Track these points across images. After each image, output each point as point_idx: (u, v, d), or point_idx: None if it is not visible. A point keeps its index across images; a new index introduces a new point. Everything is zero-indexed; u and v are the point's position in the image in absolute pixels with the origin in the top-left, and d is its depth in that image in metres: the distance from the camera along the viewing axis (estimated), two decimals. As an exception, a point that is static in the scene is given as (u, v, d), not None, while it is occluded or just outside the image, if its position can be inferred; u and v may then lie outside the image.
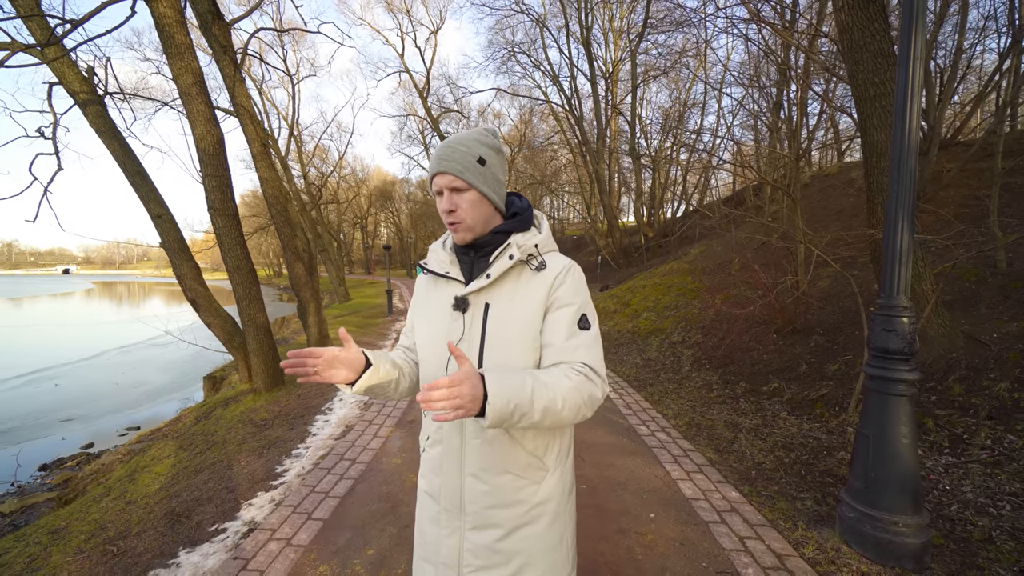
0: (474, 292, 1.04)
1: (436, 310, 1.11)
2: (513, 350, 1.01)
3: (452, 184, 1.01)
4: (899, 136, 2.19)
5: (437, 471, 1.09)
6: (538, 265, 1.05)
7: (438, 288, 1.13)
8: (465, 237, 1.04)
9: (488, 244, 1.07)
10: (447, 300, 1.08)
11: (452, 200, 1.01)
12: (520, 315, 1.02)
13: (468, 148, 1.02)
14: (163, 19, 4.22)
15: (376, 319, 13.07)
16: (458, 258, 1.12)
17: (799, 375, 4.71)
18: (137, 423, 8.38)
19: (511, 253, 1.03)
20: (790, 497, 2.86)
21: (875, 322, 2.30)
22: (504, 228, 1.07)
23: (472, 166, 1.01)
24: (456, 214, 1.02)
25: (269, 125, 20.97)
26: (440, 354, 1.07)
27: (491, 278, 1.01)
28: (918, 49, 2.13)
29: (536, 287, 1.04)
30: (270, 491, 3.05)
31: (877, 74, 3.76)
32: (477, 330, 1.03)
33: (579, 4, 17.30)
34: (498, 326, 1.02)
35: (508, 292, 1.03)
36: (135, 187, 5.68)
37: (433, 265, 1.12)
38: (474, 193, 1.02)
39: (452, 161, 1.00)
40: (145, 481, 3.67)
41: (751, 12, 7.05)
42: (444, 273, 1.09)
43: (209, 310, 6.09)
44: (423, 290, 1.19)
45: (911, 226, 2.19)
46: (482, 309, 1.03)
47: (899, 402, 2.22)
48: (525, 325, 1.02)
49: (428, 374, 1.10)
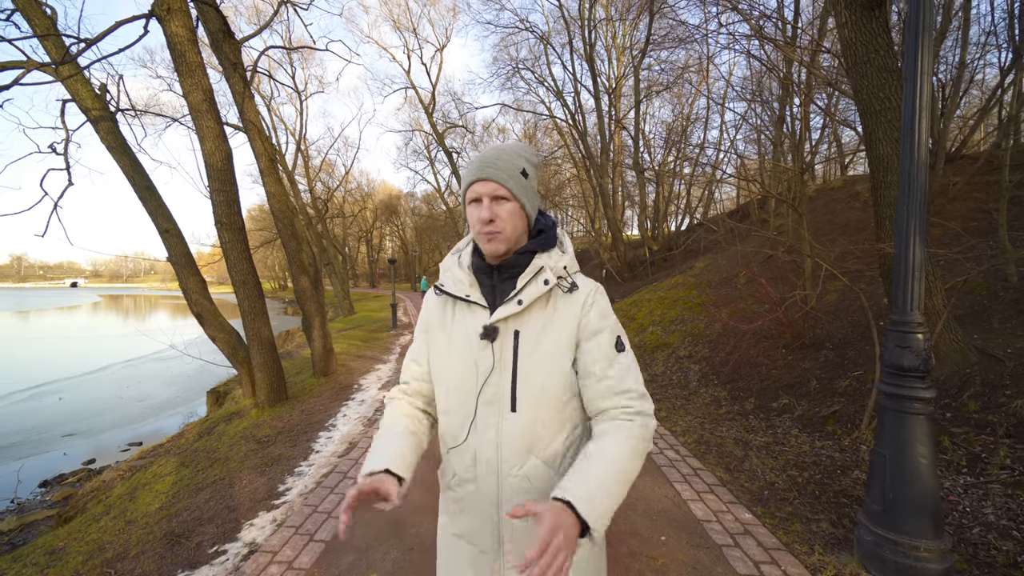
0: (503, 319, 0.97)
1: (458, 338, 1.02)
2: (546, 379, 0.96)
3: (495, 192, 0.95)
4: (908, 150, 2.17)
5: (469, 510, 1.02)
6: (569, 287, 1.00)
7: (456, 313, 1.04)
8: (498, 249, 0.97)
9: (514, 265, 1.00)
10: (471, 328, 1.00)
11: (492, 209, 0.95)
12: (552, 342, 0.97)
13: (512, 159, 0.98)
14: (175, 38, 4.30)
15: (380, 333, 13.05)
16: (477, 279, 1.03)
17: (809, 391, 4.63)
18: (140, 438, 8.33)
19: (546, 278, 0.97)
20: (805, 519, 2.78)
21: (888, 338, 2.25)
22: (529, 248, 1.01)
23: (516, 176, 0.97)
24: (496, 223, 0.95)
25: (277, 140, 21.27)
26: (468, 386, 0.99)
27: (523, 304, 0.95)
28: (925, 63, 2.12)
29: (566, 311, 0.99)
30: (272, 511, 3.00)
31: (881, 89, 3.76)
32: (508, 361, 0.96)
33: (582, 22, 17.58)
34: (530, 355, 0.96)
35: (538, 317, 0.98)
36: (144, 202, 5.74)
37: (450, 286, 1.03)
38: (515, 205, 0.97)
39: (497, 169, 0.95)
40: (146, 499, 3.62)
41: (753, 28, 7.12)
42: (464, 296, 1.00)
43: (214, 324, 6.09)
44: (436, 313, 1.08)
45: (923, 240, 2.16)
46: (511, 337, 0.97)
47: (916, 421, 2.16)
48: (558, 352, 0.97)
49: (453, 406, 1.03)
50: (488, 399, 0.97)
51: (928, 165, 2.17)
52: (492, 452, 0.97)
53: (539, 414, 0.96)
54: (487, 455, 0.98)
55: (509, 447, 0.96)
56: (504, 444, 0.96)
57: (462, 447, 1.01)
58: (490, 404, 0.97)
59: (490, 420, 0.97)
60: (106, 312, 47.37)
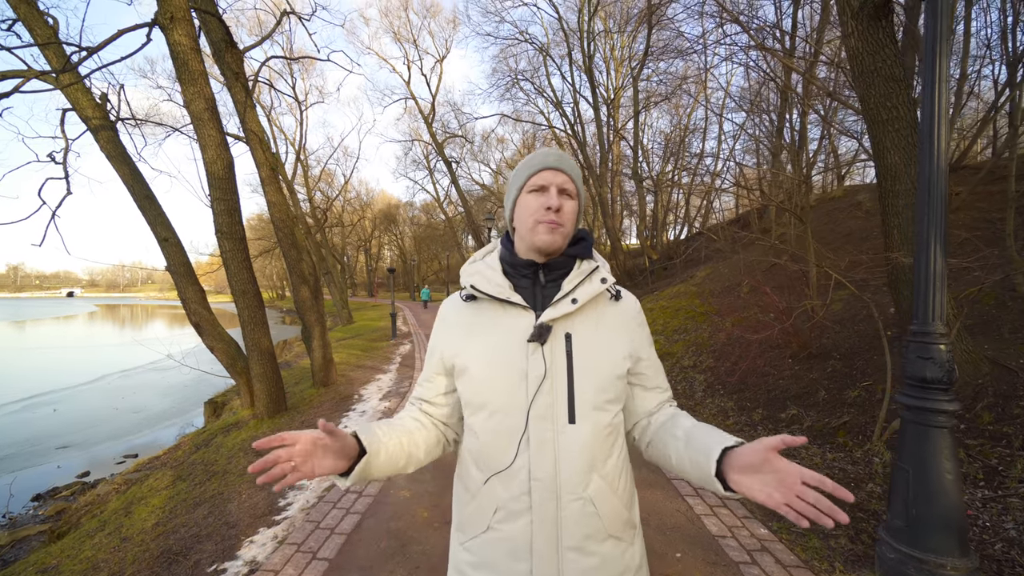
0: (554, 320, 0.89)
1: (500, 344, 0.91)
2: (602, 385, 0.90)
3: (565, 185, 0.93)
4: (927, 157, 2.14)
5: (520, 554, 0.86)
6: (616, 294, 0.98)
7: (495, 318, 0.94)
8: (556, 242, 0.91)
9: (560, 266, 0.95)
10: (517, 330, 0.90)
11: (560, 200, 0.91)
12: (607, 347, 0.92)
13: (576, 165, 0.97)
14: (178, 46, 4.29)
15: (380, 342, 12.95)
16: (511, 281, 0.95)
17: (818, 401, 4.57)
18: (136, 450, 8.19)
19: (603, 276, 0.94)
20: (822, 534, 2.70)
21: (909, 349, 2.20)
22: (573, 253, 0.97)
23: (580, 179, 0.97)
24: (561, 215, 0.91)
25: (277, 150, 21.26)
26: (514, 399, 0.88)
27: (578, 303, 0.89)
28: (943, 70, 2.10)
29: (618, 318, 0.96)
30: (272, 527, 2.91)
31: (889, 98, 3.75)
32: (562, 365, 0.88)
33: (581, 34, 17.76)
34: (585, 359, 0.89)
35: (590, 320, 0.92)
36: (143, 211, 5.70)
37: (488, 287, 0.93)
38: (576, 204, 0.95)
39: (570, 166, 0.94)
40: (141, 515, 3.52)
41: (753, 39, 7.18)
42: (505, 298, 0.91)
43: (212, 334, 6.02)
44: (464, 322, 0.97)
45: (944, 249, 2.12)
46: (563, 340, 0.89)
47: (940, 434, 2.10)
48: (614, 358, 0.92)
49: (495, 424, 0.90)
50: (541, 412, 0.87)
51: (947, 173, 2.13)
52: (550, 472, 0.86)
53: (598, 426, 0.88)
54: (544, 476, 0.86)
55: (570, 465, 0.86)
56: (564, 462, 0.86)
57: (510, 471, 0.87)
58: (544, 417, 0.87)
59: (546, 435, 0.87)
60: (102, 322, 47.07)
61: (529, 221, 0.93)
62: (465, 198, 27.11)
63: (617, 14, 18.56)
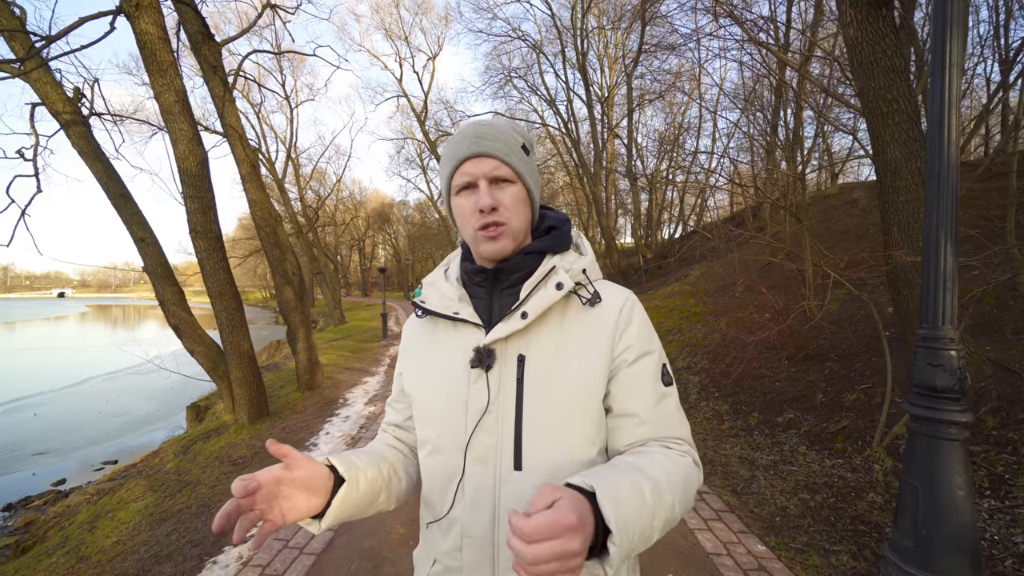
0: (502, 339, 0.72)
1: (444, 369, 0.76)
2: (565, 422, 0.70)
3: (494, 172, 0.71)
4: (936, 150, 1.98)
5: None
6: (590, 297, 0.74)
7: (445, 337, 0.79)
8: (505, 248, 0.73)
9: (518, 268, 0.75)
10: (460, 353, 0.74)
11: (493, 194, 0.71)
12: (573, 370, 0.71)
13: (508, 132, 0.74)
14: (145, 35, 4.07)
15: (371, 343, 12.75)
16: (468, 292, 0.79)
17: (815, 405, 4.43)
18: (115, 455, 7.96)
19: (559, 280, 0.72)
20: (823, 550, 2.55)
21: (917, 356, 2.04)
22: (537, 248, 0.76)
23: (518, 152, 0.73)
24: (500, 212, 0.71)
25: (267, 148, 21.01)
26: (453, 435, 0.73)
27: (528, 317, 0.70)
28: (954, 55, 1.94)
29: (592, 329, 0.73)
30: (239, 545, 2.72)
31: (889, 90, 3.61)
32: (510, 396, 0.71)
33: (575, 31, 17.59)
34: (540, 389, 0.70)
35: (551, 337, 0.72)
36: (118, 209, 5.48)
37: (433, 302, 0.78)
38: (520, 188, 0.74)
39: (495, 141, 0.72)
40: (105, 530, 3.32)
41: (747, 32, 7.03)
42: (451, 314, 0.75)
43: (193, 337, 5.81)
44: (415, 341, 0.84)
45: (955, 247, 1.96)
46: (514, 365, 0.71)
47: (951, 447, 1.94)
48: (582, 386, 0.71)
49: (439, 469, 0.75)
50: (480, 453, 0.70)
51: (959, 166, 1.98)
52: (486, 530, 0.69)
53: (555, 474, 0.68)
54: (479, 535, 0.69)
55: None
56: (504, 519, 0.68)
57: (444, 521, 0.73)
58: (483, 461, 0.70)
59: (484, 483, 0.70)
60: (92, 323, 46.50)
61: (468, 231, 0.74)
62: (459, 197, 26.86)
63: (610, 10, 18.41)
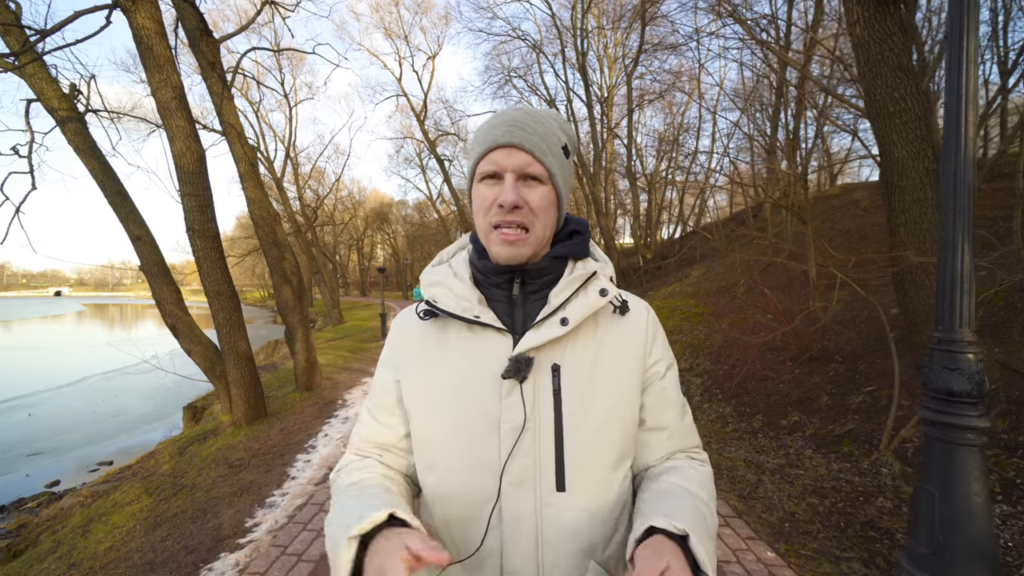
0: (535, 348, 0.64)
1: (465, 380, 0.66)
2: (604, 439, 0.64)
3: (526, 168, 0.63)
4: (953, 147, 1.93)
5: None
6: (620, 305, 0.69)
7: (461, 344, 0.68)
8: (520, 254, 0.65)
9: (545, 272, 0.68)
10: (485, 363, 0.65)
11: (520, 191, 0.63)
12: (611, 381, 0.66)
13: (550, 127, 0.66)
14: (142, 30, 4.00)
15: (369, 343, 12.68)
16: (484, 293, 0.70)
17: (820, 407, 4.38)
18: (111, 456, 7.89)
19: (602, 287, 0.67)
20: (834, 557, 2.50)
21: (933, 359, 1.99)
22: (563, 252, 0.70)
23: (556, 152, 0.66)
24: (523, 213, 0.63)
25: (265, 147, 20.93)
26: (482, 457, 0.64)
27: (569, 324, 0.63)
28: (971, 50, 1.89)
29: (624, 338, 0.68)
30: (235, 551, 2.66)
31: (896, 89, 3.57)
32: (547, 410, 0.63)
33: (575, 31, 17.54)
34: (579, 401, 0.64)
35: (587, 346, 0.67)
36: (114, 207, 5.41)
37: (451, 302, 0.68)
38: (550, 190, 0.66)
39: (533, 134, 0.64)
40: (98, 535, 3.25)
41: (748, 31, 6.99)
42: (472, 317, 0.66)
43: (190, 337, 5.74)
44: (421, 346, 0.71)
45: (972, 248, 1.91)
46: (548, 375, 0.64)
47: (968, 454, 1.89)
48: (621, 398, 0.66)
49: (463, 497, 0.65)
50: (518, 476, 0.62)
51: (975, 164, 1.93)
52: (530, 560, 0.61)
53: (600, 493, 0.63)
54: (523, 567, 0.62)
55: (557, 548, 0.62)
56: (549, 544, 0.62)
57: (476, 558, 0.63)
58: (521, 484, 0.63)
59: (524, 507, 0.62)
60: (89, 322, 46.30)
61: (483, 223, 0.67)
62: (458, 196, 26.83)
63: (610, 11, 18.38)
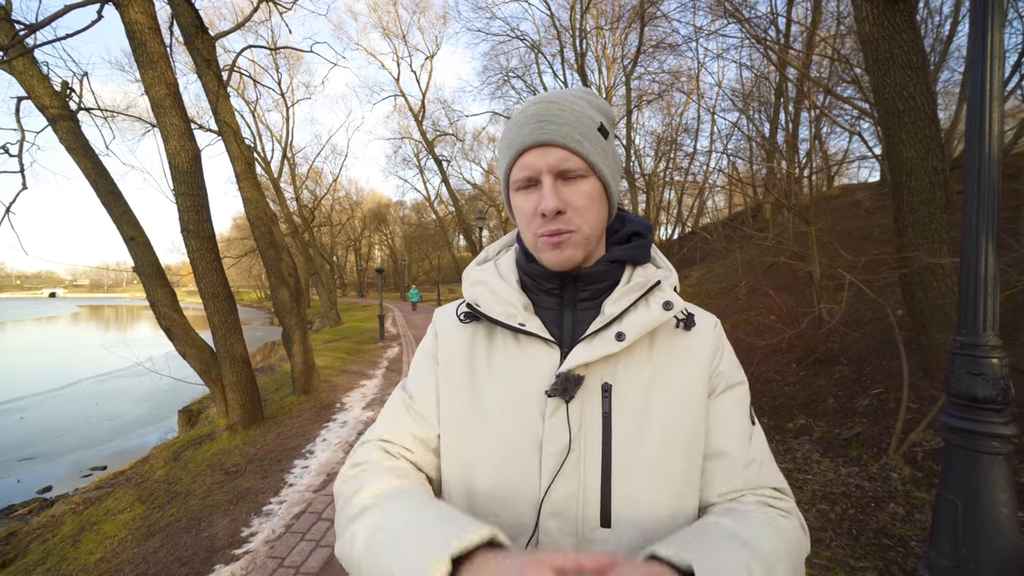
0: (587, 366, 0.57)
1: (506, 394, 0.60)
2: (661, 470, 0.56)
3: (562, 165, 0.56)
4: (977, 144, 1.87)
5: None
6: (685, 320, 0.61)
7: (507, 354, 0.62)
8: (574, 258, 0.58)
9: (599, 279, 0.61)
10: (529, 377, 0.59)
11: (560, 193, 0.56)
12: (672, 404, 0.58)
13: (583, 108, 0.58)
14: (135, 25, 3.91)
15: (367, 345, 12.57)
16: (532, 299, 0.63)
17: (827, 410, 4.32)
18: (105, 461, 7.76)
19: (666, 299, 0.59)
20: (848, 567, 2.43)
21: (955, 364, 1.92)
22: (621, 256, 0.62)
23: (593, 136, 0.57)
24: (567, 217, 0.56)
25: (262, 147, 20.79)
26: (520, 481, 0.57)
27: (625, 340, 0.56)
28: (996, 45, 1.83)
29: (688, 356, 0.60)
30: (230, 563, 2.57)
31: (906, 87, 3.52)
32: (594, 434, 0.56)
33: (573, 31, 17.52)
34: (633, 425, 0.57)
35: (643, 364, 0.59)
36: (108, 208, 5.31)
37: (490, 307, 0.61)
38: (595, 183, 0.58)
39: (562, 124, 0.55)
40: (89, 545, 3.15)
41: (748, 31, 6.95)
42: (516, 325, 0.59)
43: (184, 339, 5.64)
44: (466, 350, 0.65)
45: (997, 248, 1.85)
46: (598, 395, 0.57)
47: (994, 462, 1.83)
48: (683, 422, 0.58)
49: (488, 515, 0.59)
50: (558, 506, 0.56)
51: (1000, 163, 1.87)
52: None
53: (653, 532, 0.55)
54: None
55: None
56: None
57: None
58: (560, 514, 0.56)
59: (561, 542, 0.56)
60: (84, 324, 45.96)
61: (528, 235, 0.60)
62: (456, 197, 26.77)
63: (609, 11, 18.35)
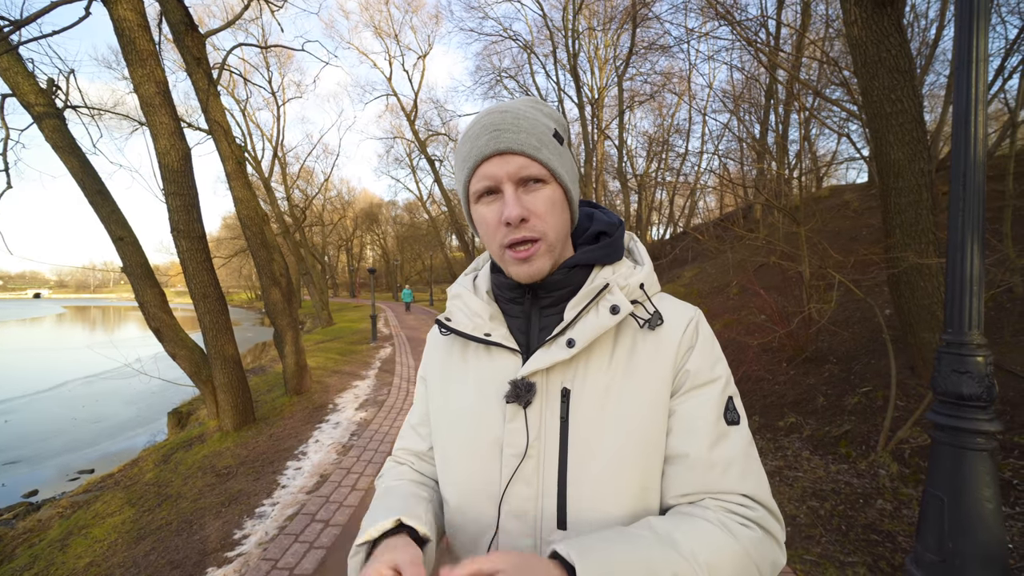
0: (542, 370, 0.60)
1: (475, 402, 0.64)
2: (618, 473, 0.58)
3: (523, 172, 0.57)
4: (963, 147, 1.90)
5: None
6: (649, 318, 0.61)
7: (477, 363, 0.66)
8: (541, 269, 0.60)
9: (562, 285, 0.63)
10: (494, 384, 0.63)
11: (522, 202, 0.57)
12: (630, 408, 0.59)
13: (536, 116, 0.59)
14: (123, 22, 3.86)
15: (359, 345, 12.51)
16: (502, 308, 0.67)
17: (817, 409, 4.38)
18: (92, 464, 7.65)
19: (614, 303, 0.59)
20: (838, 562, 2.47)
21: (942, 362, 1.96)
22: (584, 260, 0.63)
23: (549, 142, 0.59)
24: (531, 224, 0.58)
25: (253, 146, 20.59)
26: (483, 482, 0.61)
27: (575, 346, 0.58)
28: (981, 48, 1.87)
29: (652, 357, 0.60)
30: (223, 566, 2.55)
31: (893, 90, 3.58)
32: (552, 438, 0.59)
33: (566, 32, 17.56)
34: (590, 430, 0.58)
35: (602, 367, 0.60)
36: (95, 207, 5.24)
37: (460, 320, 0.66)
38: (555, 188, 0.60)
39: (519, 132, 0.57)
40: (77, 549, 3.11)
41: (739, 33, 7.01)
42: (481, 336, 0.63)
43: (174, 340, 5.57)
44: (444, 362, 0.71)
45: (982, 249, 1.89)
46: (557, 400, 0.60)
47: (978, 458, 1.87)
48: (641, 426, 0.58)
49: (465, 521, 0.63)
50: (517, 507, 0.58)
51: (984, 166, 1.91)
52: None
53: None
54: None
55: None
56: None
57: None
58: (520, 515, 0.58)
59: (521, 542, 0.58)
60: (70, 325, 45.21)
61: (493, 246, 0.61)
62: (448, 197, 26.69)
63: (601, 12, 18.42)
